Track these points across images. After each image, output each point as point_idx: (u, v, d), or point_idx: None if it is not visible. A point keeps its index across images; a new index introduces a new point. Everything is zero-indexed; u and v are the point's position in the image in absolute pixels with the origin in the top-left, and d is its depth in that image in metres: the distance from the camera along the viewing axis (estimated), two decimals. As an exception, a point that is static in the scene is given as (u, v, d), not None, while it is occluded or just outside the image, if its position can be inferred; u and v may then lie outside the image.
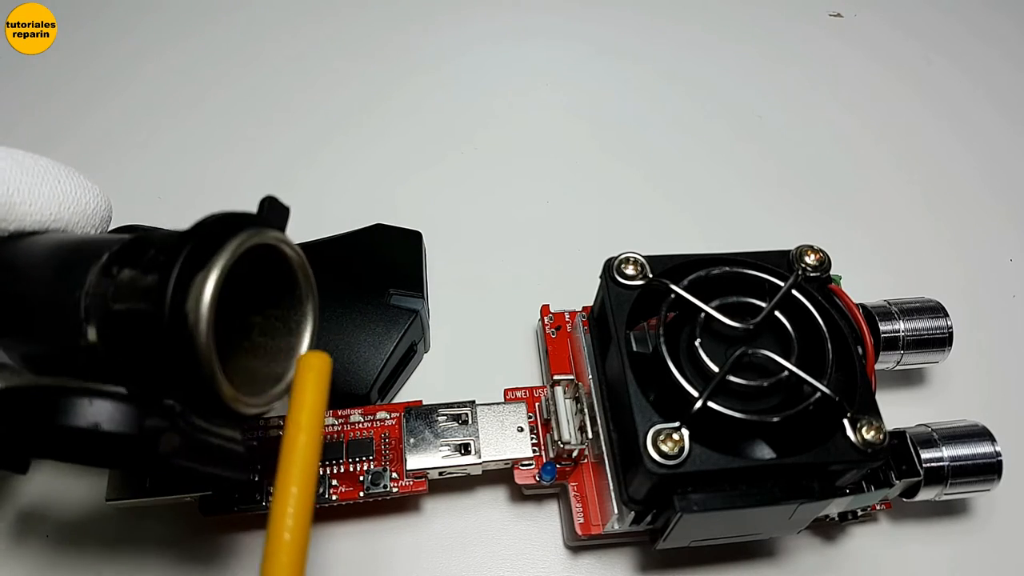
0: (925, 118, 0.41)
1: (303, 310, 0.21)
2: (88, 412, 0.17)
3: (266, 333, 0.21)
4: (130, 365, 0.17)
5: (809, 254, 0.25)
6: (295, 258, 0.20)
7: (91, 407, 0.17)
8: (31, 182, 0.20)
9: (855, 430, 0.22)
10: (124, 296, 0.17)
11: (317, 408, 0.17)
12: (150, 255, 0.17)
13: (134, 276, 0.17)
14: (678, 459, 0.21)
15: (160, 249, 0.17)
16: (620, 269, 0.24)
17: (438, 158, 0.38)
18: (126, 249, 0.18)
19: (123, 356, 0.17)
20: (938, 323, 0.28)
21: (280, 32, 0.42)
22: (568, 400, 0.26)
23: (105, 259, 0.18)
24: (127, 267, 0.17)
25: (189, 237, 0.17)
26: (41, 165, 0.21)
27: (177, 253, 0.16)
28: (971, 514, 0.29)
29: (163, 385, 0.17)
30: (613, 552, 0.27)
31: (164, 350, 0.16)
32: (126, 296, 0.17)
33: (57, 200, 0.21)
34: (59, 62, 0.40)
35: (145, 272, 0.17)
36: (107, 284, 0.17)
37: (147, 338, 0.17)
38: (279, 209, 0.20)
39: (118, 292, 0.17)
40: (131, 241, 0.18)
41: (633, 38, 0.43)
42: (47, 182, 0.20)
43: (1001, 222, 0.37)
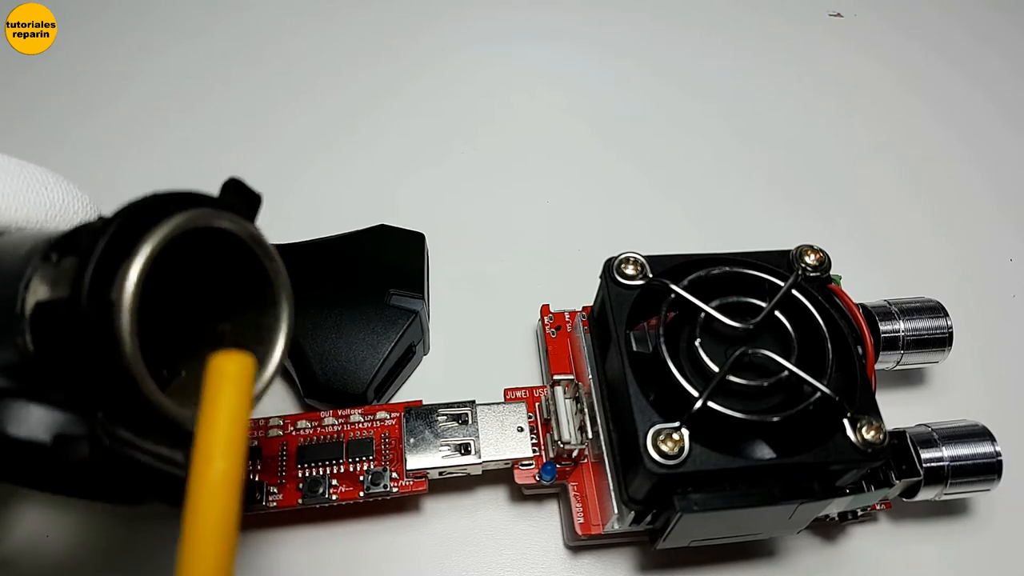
0: (925, 118, 0.41)
1: (276, 313, 0.18)
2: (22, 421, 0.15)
3: (238, 342, 0.18)
4: (58, 366, 0.15)
5: (809, 254, 0.25)
6: (251, 239, 0.17)
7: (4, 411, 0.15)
8: (16, 188, 0.20)
9: (855, 430, 0.22)
10: (50, 286, 0.15)
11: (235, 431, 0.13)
12: (83, 239, 0.15)
13: (68, 264, 0.15)
14: (678, 459, 0.21)
15: (91, 232, 0.15)
16: (620, 269, 0.24)
17: (439, 158, 0.38)
18: (66, 236, 0.16)
19: (50, 355, 0.15)
20: (938, 323, 0.28)
21: (280, 32, 0.42)
22: (568, 400, 0.26)
23: (44, 247, 0.16)
24: (65, 254, 0.15)
25: (117, 217, 0.15)
26: (28, 171, 0.20)
27: (100, 234, 0.14)
28: (971, 514, 0.29)
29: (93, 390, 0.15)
30: (613, 552, 0.27)
31: (84, 346, 0.14)
32: (52, 285, 0.15)
33: (43, 207, 0.20)
34: (59, 62, 0.40)
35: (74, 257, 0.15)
36: (45, 273, 0.15)
37: (68, 332, 0.14)
38: (246, 195, 0.17)
39: (47, 281, 0.15)
40: (75, 228, 0.17)
41: (633, 38, 0.43)
42: (33, 188, 0.20)
43: (1001, 222, 0.37)
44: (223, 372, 0.14)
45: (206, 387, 0.14)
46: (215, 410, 0.13)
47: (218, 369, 0.14)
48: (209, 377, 0.14)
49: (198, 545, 0.13)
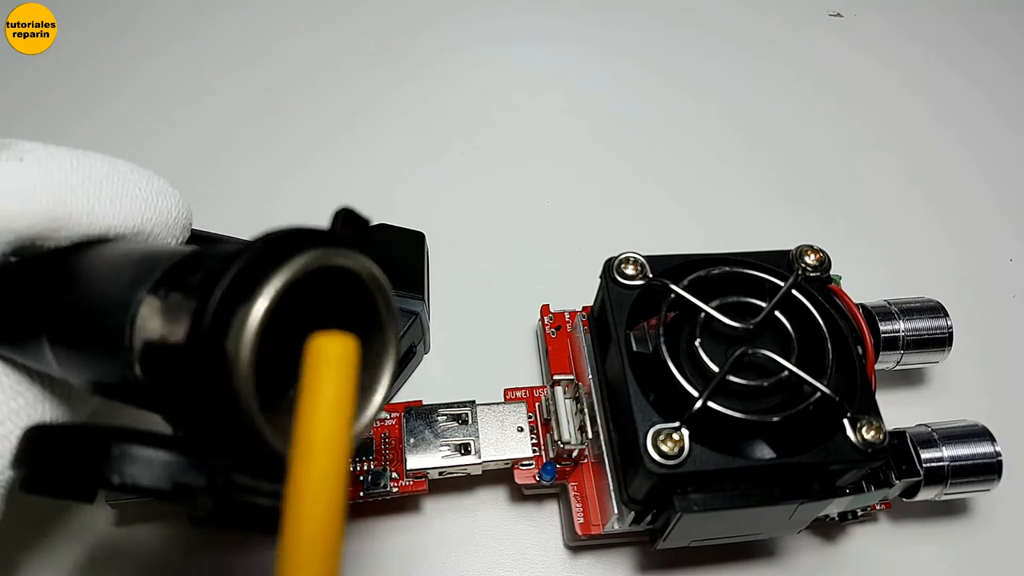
0: (925, 118, 0.41)
1: (383, 339, 0.17)
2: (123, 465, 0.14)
3: None
4: (173, 406, 0.15)
5: (809, 254, 0.25)
6: (371, 279, 0.17)
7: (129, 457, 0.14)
8: (112, 188, 0.19)
9: (855, 430, 0.22)
10: (160, 325, 0.15)
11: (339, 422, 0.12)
12: (196, 278, 0.14)
13: (179, 302, 0.14)
14: (678, 459, 0.21)
15: (208, 271, 0.14)
16: (620, 269, 0.24)
17: (439, 158, 0.38)
18: (177, 267, 0.15)
19: (165, 395, 0.15)
20: (938, 323, 0.28)
21: (280, 31, 0.42)
22: (568, 400, 0.26)
23: (155, 279, 0.15)
24: (174, 290, 0.15)
25: (237, 258, 0.14)
26: (120, 169, 0.19)
27: (218, 277, 0.14)
28: (971, 514, 0.29)
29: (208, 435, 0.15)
30: (613, 552, 0.27)
31: (200, 394, 0.14)
32: (161, 325, 0.14)
33: (139, 208, 0.19)
34: (59, 62, 0.40)
35: (187, 297, 0.14)
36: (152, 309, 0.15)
37: (184, 377, 0.14)
38: (356, 222, 0.17)
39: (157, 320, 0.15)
40: (185, 258, 0.16)
41: (633, 38, 0.43)
42: (128, 188, 0.19)
43: (1001, 222, 0.37)
44: (326, 356, 0.12)
45: (305, 373, 0.12)
46: (317, 399, 0.12)
47: (320, 352, 0.12)
48: (309, 362, 0.12)
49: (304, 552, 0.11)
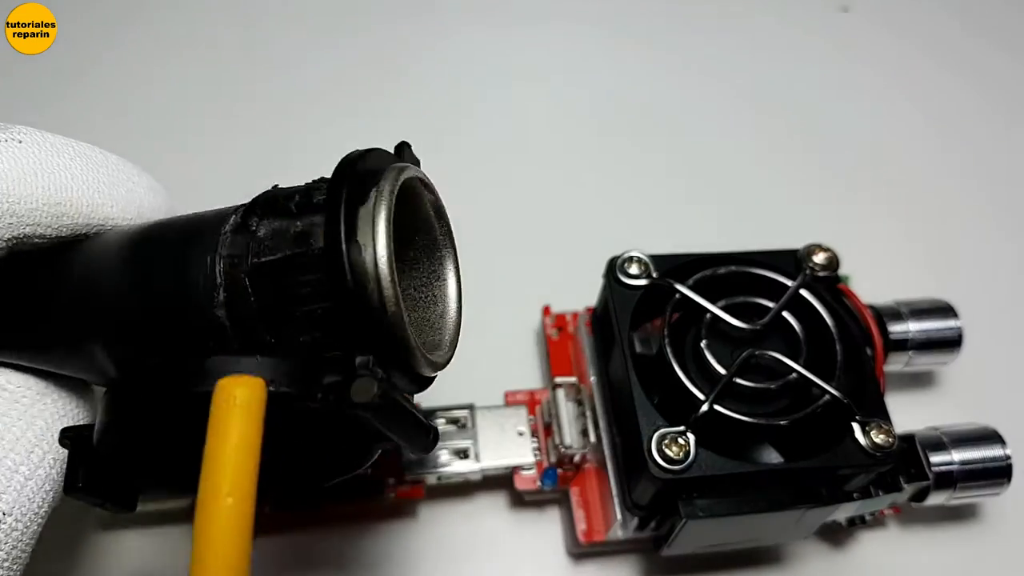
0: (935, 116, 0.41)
1: (442, 268, 0.19)
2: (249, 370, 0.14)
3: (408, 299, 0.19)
4: (282, 326, 0.15)
5: (817, 253, 0.25)
6: (432, 199, 0.19)
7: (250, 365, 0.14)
8: (108, 178, 0.18)
9: (864, 433, 0.21)
10: (274, 247, 0.15)
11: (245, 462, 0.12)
12: (296, 200, 0.16)
13: (281, 225, 0.15)
14: (683, 464, 0.20)
15: (307, 193, 0.16)
16: (624, 268, 0.24)
17: (439, 157, 0.37)
18: (258, 204, 0.16)
19: (273, 317, 0.15)
20: (948, 324, 0.28)
21: (280, 31, 0.42)
22: (570, 403, 0.26)
23: (234, 219, 0.16)
24: (269, 217, 0.16)
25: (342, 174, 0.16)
26: (113, 161, 0.19)
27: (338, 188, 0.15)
28: (981, 518, 0.28)
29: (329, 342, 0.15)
30: (616, 560, 0.27)
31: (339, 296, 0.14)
32: (276, 246, 0.15)
33: (135, 201, 0.19)
34: (59, 62, 0.40)
35: (295, 218, 0.15)
36: (244, 241, 0.15)
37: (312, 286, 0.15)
38: (413, 158, 0.19)
39: (264, 245, 0.15)
40: (258, 198, 0.17)
41: (637, 32, 0.43)
42: (122, 180, 0.19)
43: (1013, 222, 0.37)
44: (231, 398, 0.13)
45: (213, 413, 0.13)
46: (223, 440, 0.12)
47: (225, 394, 0.13)
48: (216, 403, 0.13)
49: None
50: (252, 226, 0.16)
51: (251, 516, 0.12)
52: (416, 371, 0.16)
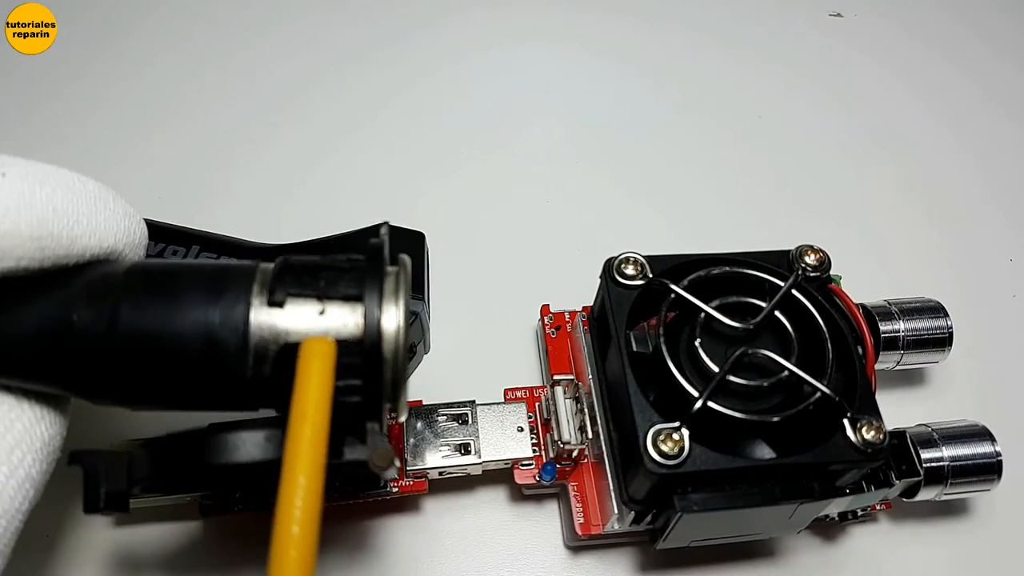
0: (925, 118, 0.41)
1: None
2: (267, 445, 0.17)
3: None
4: None
5: (809, 254, 0.25)
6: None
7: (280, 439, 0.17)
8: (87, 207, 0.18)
9: (855, 430, 0.22)
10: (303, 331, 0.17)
11: (322, 396, 0.16)
12: (322, 285, 0.18)
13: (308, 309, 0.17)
14: (678, 459, 0.21)
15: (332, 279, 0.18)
16: (620, 269, 0.24)
17: (439, 157, 0.38)
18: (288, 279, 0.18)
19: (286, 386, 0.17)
20: (938, 323, 0.28)
21: (281, 34, 0.42)
22: (568, 400, 0.26)
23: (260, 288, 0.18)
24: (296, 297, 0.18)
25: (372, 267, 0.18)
26: (90, 188, 0.19)
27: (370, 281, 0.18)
28: (971, 514, 0.29)
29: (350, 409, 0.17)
30: (613, 552, 0.27)
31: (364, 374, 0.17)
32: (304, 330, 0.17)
33: (112, 228, 0.19)
34: (59, 62, 0.40)
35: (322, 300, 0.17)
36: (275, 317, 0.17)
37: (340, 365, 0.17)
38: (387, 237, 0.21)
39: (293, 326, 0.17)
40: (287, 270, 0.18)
41: (632, 39, 0.43)
42: (99, 207, 0.19)
43: (1001, 222, 0.37)
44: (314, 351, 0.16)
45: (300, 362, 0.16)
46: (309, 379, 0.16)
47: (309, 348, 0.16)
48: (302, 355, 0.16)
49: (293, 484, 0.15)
50: (281, 302, 0.17)
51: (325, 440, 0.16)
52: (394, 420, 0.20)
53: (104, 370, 0.17)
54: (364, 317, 0.17)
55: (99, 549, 0.26)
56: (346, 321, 0.17)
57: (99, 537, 0.26)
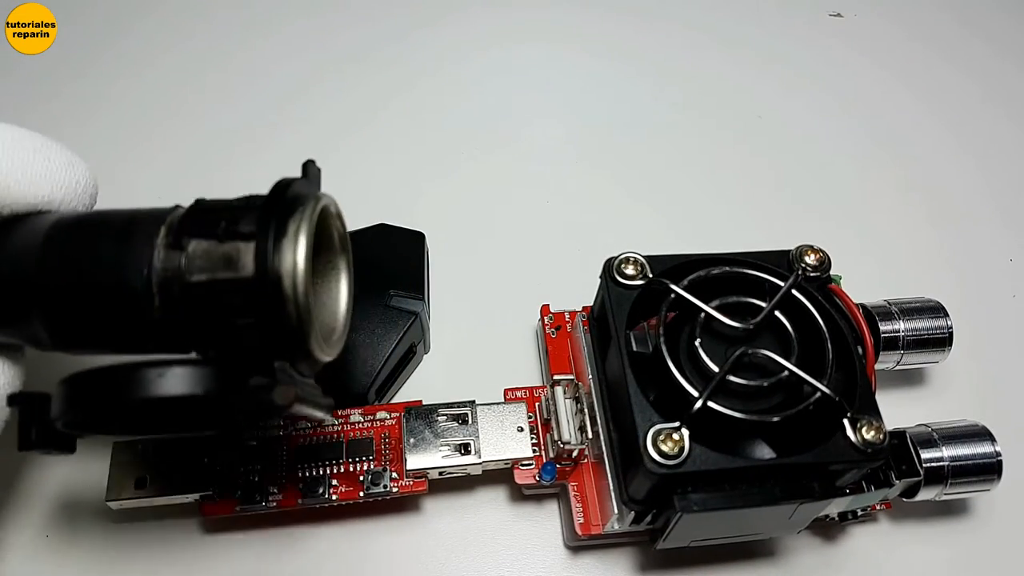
0: (925, 118, 0.41)
1: (338, 264, 0.23)
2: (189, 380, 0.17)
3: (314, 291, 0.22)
4: (211, 333, 0.18)
5: (809, 254, 0.25)
6: (335, 219, 0.22)
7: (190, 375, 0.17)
8: (24, 159, 0.19)
9: (855, 430, 0.22)
10: (203, 267, 0.18)
11: None
12: (223, 226, 0.18)
13: (210, 247, 0.18)
14: (678, 459, 0.21)
15: (232, 219, 0.18)
16: (620, 269, 0.24)
17: (439, 158, 0.38)
18: (191, 221, 0.18)
19: (202, 325, 0.18)
20: (938, 323, 0.28)
21: (281, 34, 0.42)
22: (568, 400, 0.26)
23: (166, 232, 0.18)
24: (198, 238, 0.18)
25: (268, 206, 0.18)
26: (28, 143, 0.20)
27: (265, 221, 0.18)
28: (971, 514, 0.29)
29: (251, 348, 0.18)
30: (613, 552, 0.27)
31: (263, 313, 0.17)
32: (206, 267, 0.18)
33: (50, 179, 0.20)
34: (59, 62, 0.40)
35: (221, 241, 0.18)
36: (177, 257, 0.18)
37: (238, 304, 0.17)
38: (316, 171, 0.21)
39: (194, 264, 0.18)
40: (191, 213, 0.19)
41: (632, 39, 0.43)
42: (38, 159, 0.20)
43: (1001, 222, 0.37)
44: None
45: None
46: None
47: None
48: None
49: None
50: (184, 244, 0.18)
51: None
52: (318, 362, 0.20)
53: (34, 313, 0.18)
54: (255, 255, 0.17)
55: (99, 549, 0.26)
56: (244, 260, 0.18)
57: (99, 537, 0.26)
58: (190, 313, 0.18)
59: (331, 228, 0.22)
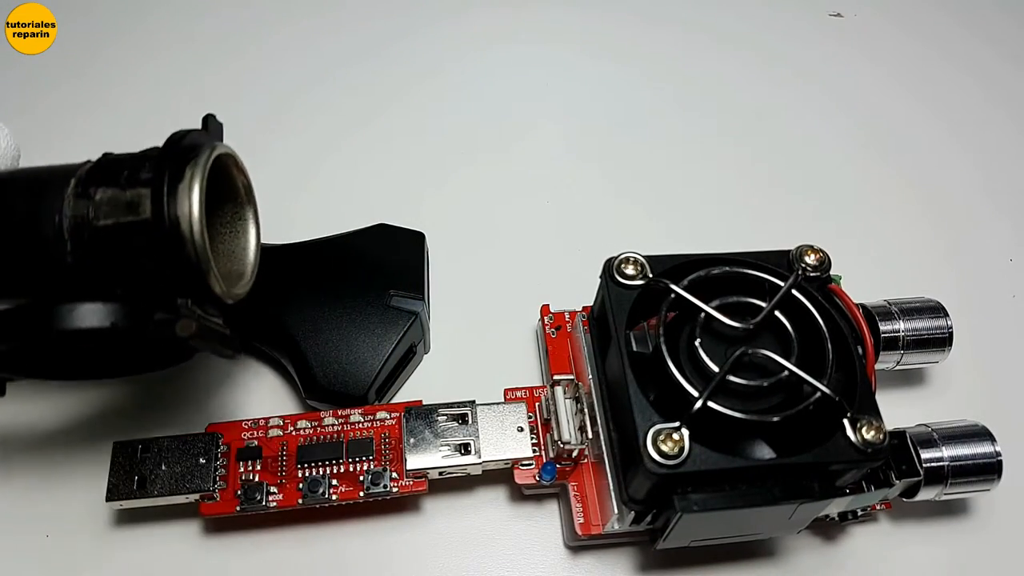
0: (925, 118, 0.41)
1: (244, 215, 0.25)
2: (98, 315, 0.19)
3: (221, 239, 0.25)
4: (119, 274, 0.20)
5: (809, 254, 0.25)
6: (237, 169, 0.24)
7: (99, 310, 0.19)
8: None
9: (855, 430, 0.22)
10: (109, 213, 0.19)
11: None
12: (125, 175, 0.20)
13: (115, 194, 0.19)
14: (678, 459, 0.21)
15: (134, 168, 0.20)
16: (620, 269, 0.24)
17: (439, 158, 0.38)
18: (97, 172, 0.20)
19: (111, 267, 0.20)
20: (938, 323, 0.28)
21: (282, 33, 0.42)
22: (568, 400, 0.26)
23: (75, 183, 0.20)
24: (104, 187, 0.20)
25: (164, 154, 0.20)
26: None
27: (161, 168, 0.19)
28: (971, 514, 0.29)
29: (156, 286, 0.20)
30: (613, 552, 0.27)
31: (163, 254, 0.19)
32: (111, 213, 0.19)
33: None
34: (59, 62, 0.40)
35: (124, 189, 0.19)
36: (85, 205, 0.19)
37: (140, 246, 0.19)
38: (217, 124, 0.23)
39: (100, 210, 0.19)
40: (97, 165, 0.20)
41: (632, 39, 0.43)
42: None
43: (1001, 222, 0.37)
44: None
45: None
46: None
47: None
48: None
49: None
50: (91, 193, 0.20)
51: None
52: (223, 302, 0.21)
53: None
54: (152, 198, 0.19)
55: (99, 549, 0.26)
56: (145, 205, 0.19)
57: (99, 537, 0.26)
58: (99, 256, 0.19)
59: (234, 178, 0.24)
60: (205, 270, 0.20)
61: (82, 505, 0.27)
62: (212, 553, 0.26)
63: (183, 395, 0.30)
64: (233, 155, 0.23)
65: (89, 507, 0.27)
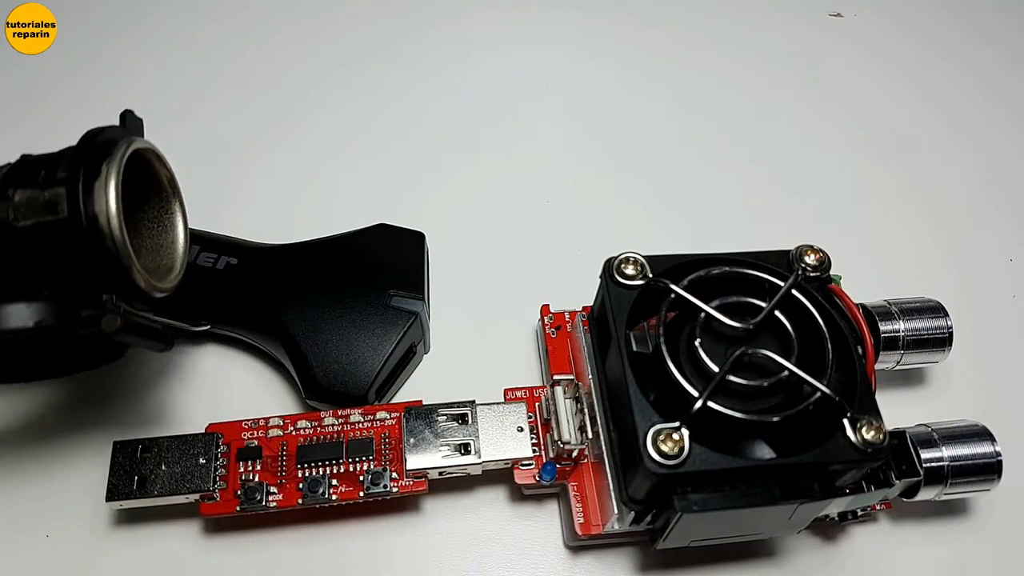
0: (925, 118, 0.41)
1: (171, 208, 0.25)
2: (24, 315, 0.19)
3: (148, 233, 0.25)
4: (43, 274, 0.20)
5: (809, 254, 0.25)
6: (159, 163, 0.24)
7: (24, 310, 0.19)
8: None
9: (855, 430, 0.22)
10: (28, 214, 0.19)
11: None
12: (42, 175, 0.20)
13: (33, 195, 0.19)
14: (678, 459, 0.21)
15: (50, 167, 0.20)
16: (620, 269, 0.24)
17: (439, 158, 0.38)
18: (14, 173, 0.20)
19: (35, 267, 0.20)
20: (938, 323, 0.28)
21: (284, 35, 0.42)
22: (568, 400, 0.26)
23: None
24: (22, 188, 0.20)
25: (80, 152, 0.20)
26: None
27: (76, 166, 0.19)
28: (971, 514, 0.29)
29: (80, 284, 0.20)
30: (613, 552, 0.27)
31: (84, 251, 0.19)
32: (30, 213, 0.19)
33: None
34: (59, 62, 0.40)
35: (42, 189, 0.19)
36: (4, 207, 0.19)
37: (62, 245, 0.19)
38: (136, 120, 0.23)
39: (20, 211, 0.19)
40: (15, 166, 0.21)
41: (632, 39, 0.43)
42: None
43: (1001, 222, 0.37)
44: None
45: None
46: None
47: None
48: None
49: None
50: (10, 195, 0.20)
51: None
52: (150, 296, 0.22)
53: None
54: (67, 196, 0.19)
55: (99, 549, 0.26)
56: (62, 204, 0.19)
57: (99, 537, 0.26)
58: (21, 257, 0.19)
59: (157, 172, 0.24)
60: (127, 265, 0.20)
61: (82, 505, 0.27)
62: (212, 553, 0.26)
63: (183, 395, 0.30)
64: (153, 149, 0.23)
65: (89, 507, 0.27)
